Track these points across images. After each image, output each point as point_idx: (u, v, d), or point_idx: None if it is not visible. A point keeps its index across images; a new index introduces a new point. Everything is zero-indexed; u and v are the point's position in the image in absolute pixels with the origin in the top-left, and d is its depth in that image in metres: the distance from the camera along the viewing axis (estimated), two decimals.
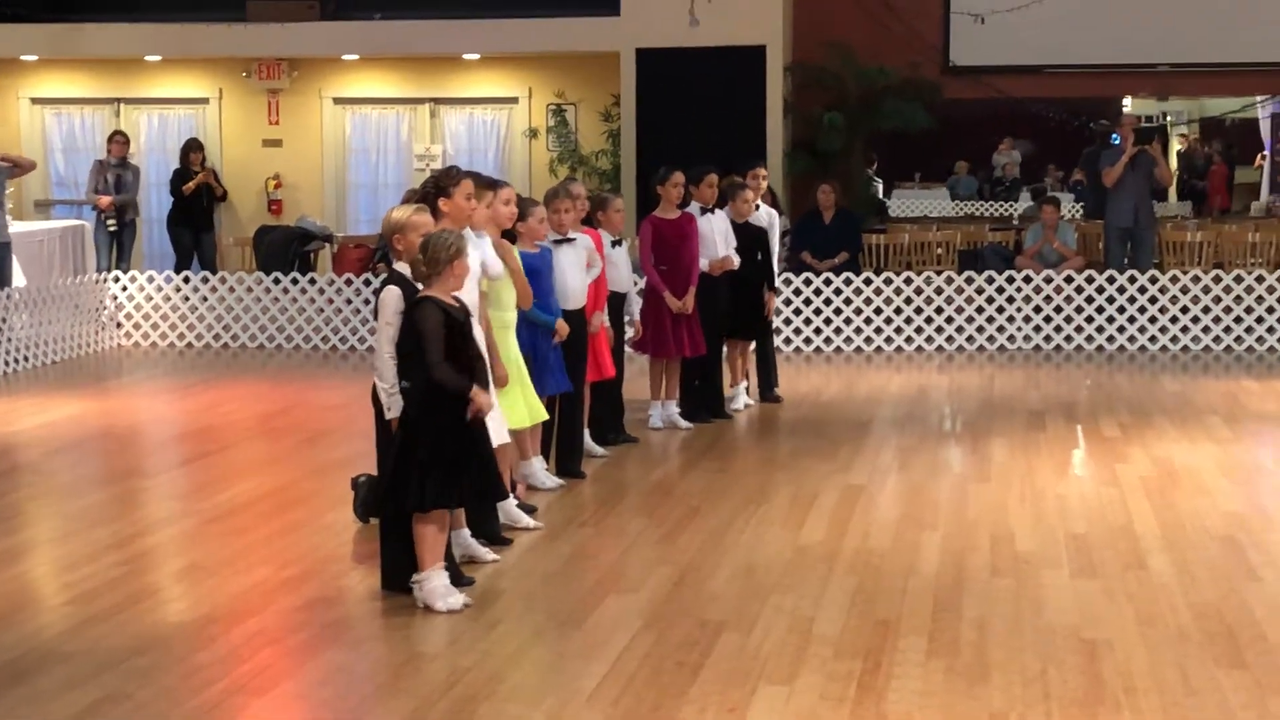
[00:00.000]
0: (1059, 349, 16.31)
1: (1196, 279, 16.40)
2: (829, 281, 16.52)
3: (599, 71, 20.18)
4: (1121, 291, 16.36)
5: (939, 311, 16.52)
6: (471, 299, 7.87)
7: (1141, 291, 16.35)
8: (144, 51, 21.02)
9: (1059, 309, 16.47)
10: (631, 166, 19.32)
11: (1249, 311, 16.25)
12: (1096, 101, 22.77)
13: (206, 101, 21.63)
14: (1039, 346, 16.38)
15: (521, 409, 8.91)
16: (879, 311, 16.51)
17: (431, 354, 7.18)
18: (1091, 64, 20.20)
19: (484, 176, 8.85)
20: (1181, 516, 9.05)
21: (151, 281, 17.37)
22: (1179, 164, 25.97)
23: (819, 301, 16.49)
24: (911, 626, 6.99)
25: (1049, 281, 16.52)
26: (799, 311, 16.47)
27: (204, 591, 7.71)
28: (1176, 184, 24.28)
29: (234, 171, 21.17)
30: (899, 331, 16.47)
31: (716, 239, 12.05)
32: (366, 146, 21.67)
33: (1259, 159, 25.65)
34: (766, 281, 12.65)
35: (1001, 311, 16.50)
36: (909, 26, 19.84)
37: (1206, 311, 16.29)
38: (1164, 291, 16.37)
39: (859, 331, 16.51)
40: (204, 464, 11.18)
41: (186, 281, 17.49)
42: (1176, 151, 26.17)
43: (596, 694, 6.19)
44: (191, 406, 13.73)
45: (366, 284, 16.99)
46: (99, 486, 10.51)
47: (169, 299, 17.34)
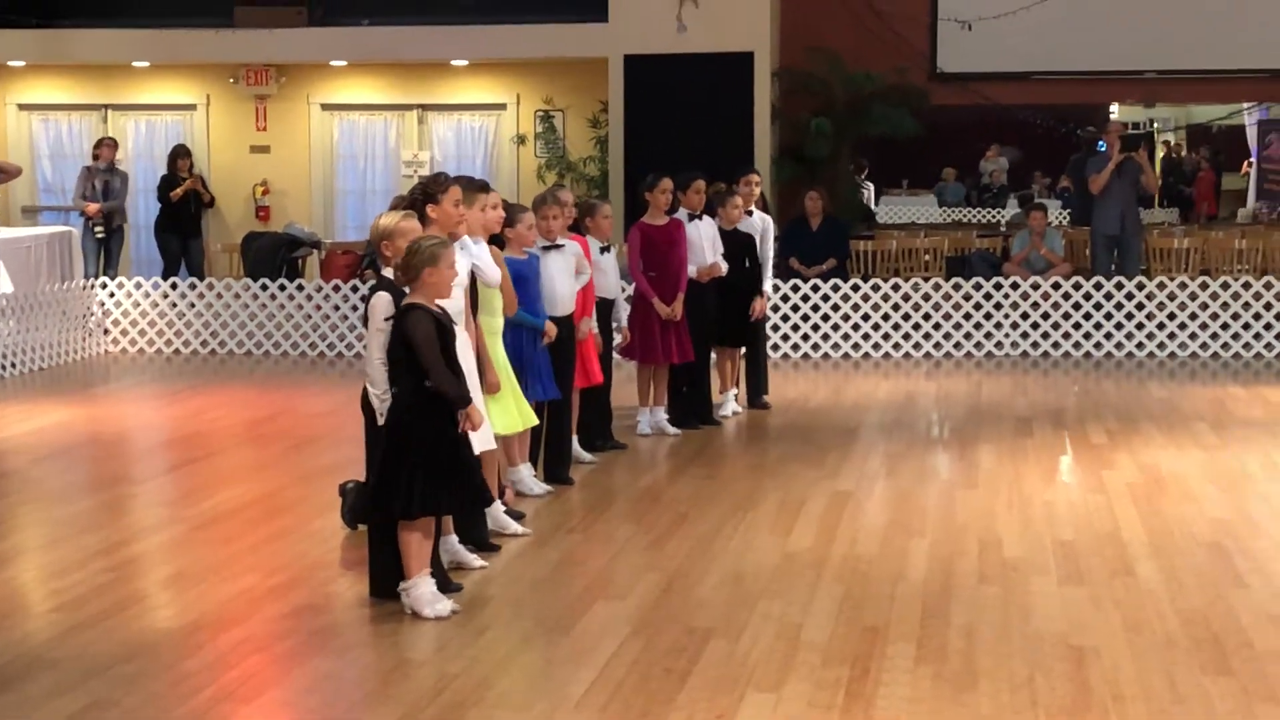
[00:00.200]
0: (1046, 355, 16.34)
1: (1183, 285, 16.43)
2: (817, 288, 16.54)
3: (587, 78, 20.19)
4: (1109, 298, 16.39)
5: (927, 318, 16.54)
6: (458, 307, 7.86)
7: (1129, 298, 16.38)
8: (131, 57, 21.01)
9: (1046, 315, 16.50)
10: (619, 173, 19.32)
11: (1236, 318, 16.28)
12: (1083, 108, 22.84)
13: (194, 108, 21.62)
14: (1026, 353, 16.41)
15: (513, 414, 8.91)
16: (867, 318, 16.53)
17: (429, 362, 7.16)
18: (1078, 71, 20.24)
19: (474, 180, 8.84)
20: (1168, 523, 9.06)
21: (139, 288, 17.34)
22: (1162, 168, 26.03)
23: (807, 308, 16.51)
24: (899, 633, 7.00)
25: (1036, 288, 16.54)
26: (787, 318, 16.49)
27: (191, 598, 7.70)
28: (1162, 190, 24.32)
29: (222, 178, 21.16)
30: (887, 338, 16.49)
31: (704, 245, 12.06)
32: (354, 153, 21.68)
33: (1246, 166, 25.73)
34: (757, 286, 12.67)
35: (989, 318, 16.52)
36: (896, 33, 19.87)
37: (1193, 318, 16.32)
38: (1151, 298, 16.41)
39: (847, 338, 16.53)
40: (191, 470, 11.16)
41: (174, 288, 17.46)
42: (1159, 158, 26.24)
43: (584, 700, 6.19)
44: (179, 413, 13.70)
45: (354, 290, 16.98)
46: (86, 493, 10.48)
47: (156, 305, 17.32)
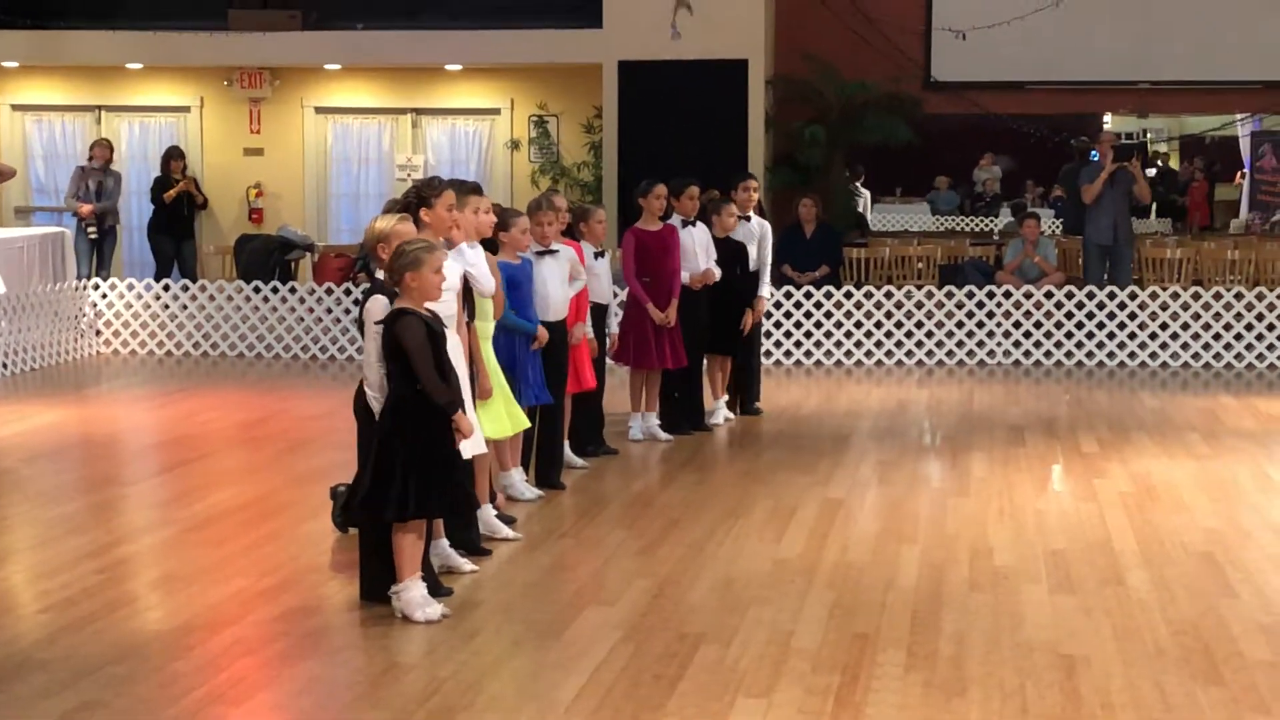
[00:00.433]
0: (1038, 364, 16.36)
1: (1176, 295, 16.46)
2: (810, 295, 16.55)
3: (581, 83, 20.19)
4: (1101, 307, 16.41)
5: (919, 326, 16.55)
6: (449, 311, 7.85)
7: (1121, 307, 16.40)
8: (125, 59, 20.99)
9: (1039, 324, 16.52)
10: (613, 178, 19.33)
11: (1228, 328, 16.30)
12: (1077, 118, 22.85)
13: (188, 110, 21.61)
14: (1019, 362, 16.43)
15: (503, 419, 8.90)
16: (859, 325, 16.55)
17: (421, 368, 7.13)
18: (1072, 81, 20.27)
19: (465, 183, 8.83)
20: (1160, 533, 9.07)
21: (131, 289, 17.33)
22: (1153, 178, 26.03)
23: (799, 315, 16.52)
24: (890, 640, 7.00)
25: (1029, 297, 16.56)
26: (779, 325, 16.49)
27: (182, 600, 7.69)
28: (1154, 200, 24.32)
29: (215, 180, 21.14)
30: (879, 345, 16.50)
31: (698, 252, 12.06)
32: (348, 156, 21.66)
33: (1238, 177, 25.75)
34: (750, 294, 12.66)
35: (981, 326, 16.54)
36: (890, 41, 19.88)
37: (1185, 328, 16.35)
38: (1143, 308, 16.43)
39: (839, 345, 16.54)
40: (183, 472, 11.15)
41: (167, 290, 17.44)
42: (1160, 166, 26.25)
43: (574, 706, 6.18)
44: (171, 415, 13.69)
45: (347, 293, 16.98)
46: (77, 494, 10.47)
47: (149, 307, 17.31)
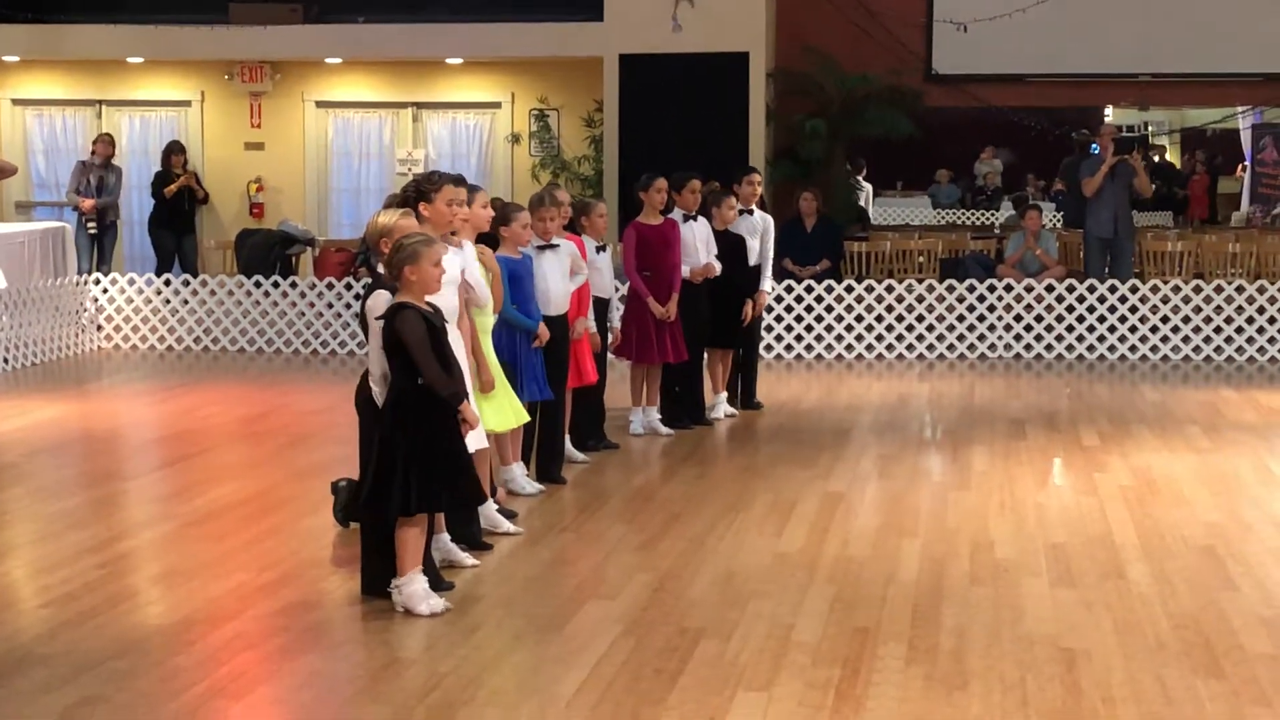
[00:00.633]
0: (1039, 358, 16.36)
1: (1177, 289, 16.46)
2: (810, 289, 16.55)
3: (582, 77, 20.18)
4: (1102, 301, 16.41)
5: (920, 319, 16.55)
6: (451, 304, 7.85)
7: (1122, 301, 16.40)
8: (126, 53, 20.98)
9: (1039, 318, 16.52)
10: (614, 172, 19.32)
11: (1229, 322, 16.30)
12: (1078, 111, 22.83)
13: (188, 104, 21.60)
14: (1019, 355, 16.43)
15: (506, 411, 8.89)
16: (860, 319, 16.54)
17: (423, 361, 7.12)
18: (1073, 74, 20.25)
19: (460, 179, 8.81)
20: (1160, 526, 9.07)
21: (132, 284, 17.33)
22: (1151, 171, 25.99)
23: (800, 309, 16.52)
24: (890, 634, 7.00)
25: (1030, 290, 16.56)
26: (780, 319, 16.49)
27: (182, 595, 7.69)
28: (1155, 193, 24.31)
29: (216, 174, 21.15)
30: (880, 339, 16.50)
31: (698, 246, 12.06)
32: (349, 150, 21.66)
33: (1239, 170, 25.73)
34: (751, 287, 12.65)
35: (982, 320, 16.54)
36: (891, 34, 19.87)
37: (1186, 321, 16.35)
38: (1144, 301, 16.43)
39: (840, 339, 16.54)
40: (184, 467, 11.15)
41: (168, 284, 17.45)
42: (1155, 160, 26.20)
43: (575, 700, 6.18)
44: (172, 410, 13.69)
45: (348, 288, 16.97)
46: (78, 489, 10.47)
47: (150, 302, 17.31)
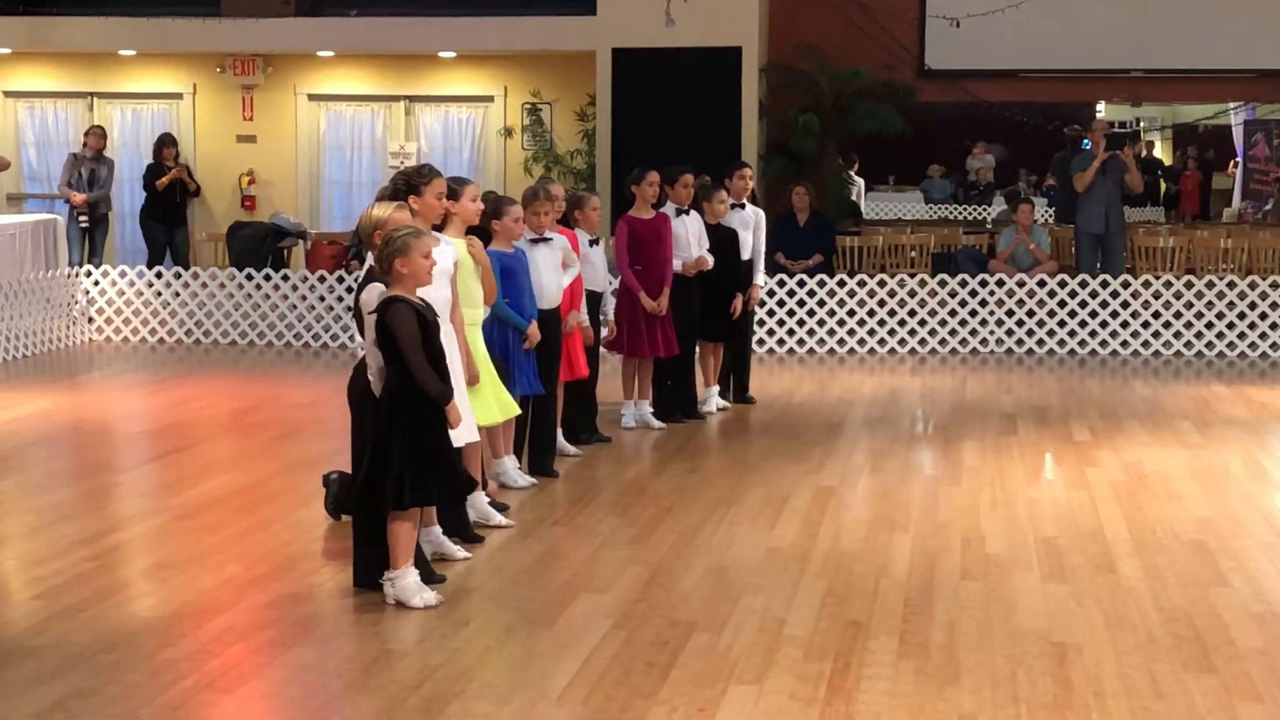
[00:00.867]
0: (1031, 353, 16.37)
1: (1168, 284, 16.47)
2: (803, 283, 16.55)
3: (575, 71, 20.16)
4: (1094, 296, 16.42)
5: (912, 314, 16.56)
6: (443, 296, 7.84)
7: (1114, 296, 16.41)
8: (118, 45, 20.94)
9: (1031, 313, 16.53)
10: (606, 166, 19.30)
11: (1220, 317, 16.32)
12: (1070, 106, 22.81)
13: (180, 96, 21.55)
14: (1011, 350, 16.43)
15: (491, 406, 8.87)
16: (852, 314, 16.55)
17: (412, 359, 7.12)
18: (1065, 69, 20.25)
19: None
20: (1151, 521, 9.08)
21: (124, 277, 17.31)
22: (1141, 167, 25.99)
23: (792, 303, 16.52)
24: (882, 628, 7.00)
25: (1021, 285, 16.57)
26: (773, 313, 16.49)
27: (173, 588, 7.68)
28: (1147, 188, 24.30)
29: (208, 167, 21.10)
30: (872, 334, 16.51)
31: (691, 240, 12.06)
32: (341, 143, 21.62)
33: (1231, 166, 25.75)
34: (744, 281, 12.65)
35: (974, 315, 16.54)
36: (884, 29, 19.87)
37: (1178, 316, 16.36)
38: (1136, 296, 16.44)
39: (832, 333, 16.54)
40: (175, 460, 11.14)
41: (159, 277, 17.43)
42: (1141, 155, 26.19)
43: (566, 693, 6.18)
44: (163, 402, 13.68)
45: (340, 281, 16.96)
46: (69, 481, 10.46)
47: (141, 294, 17.29)
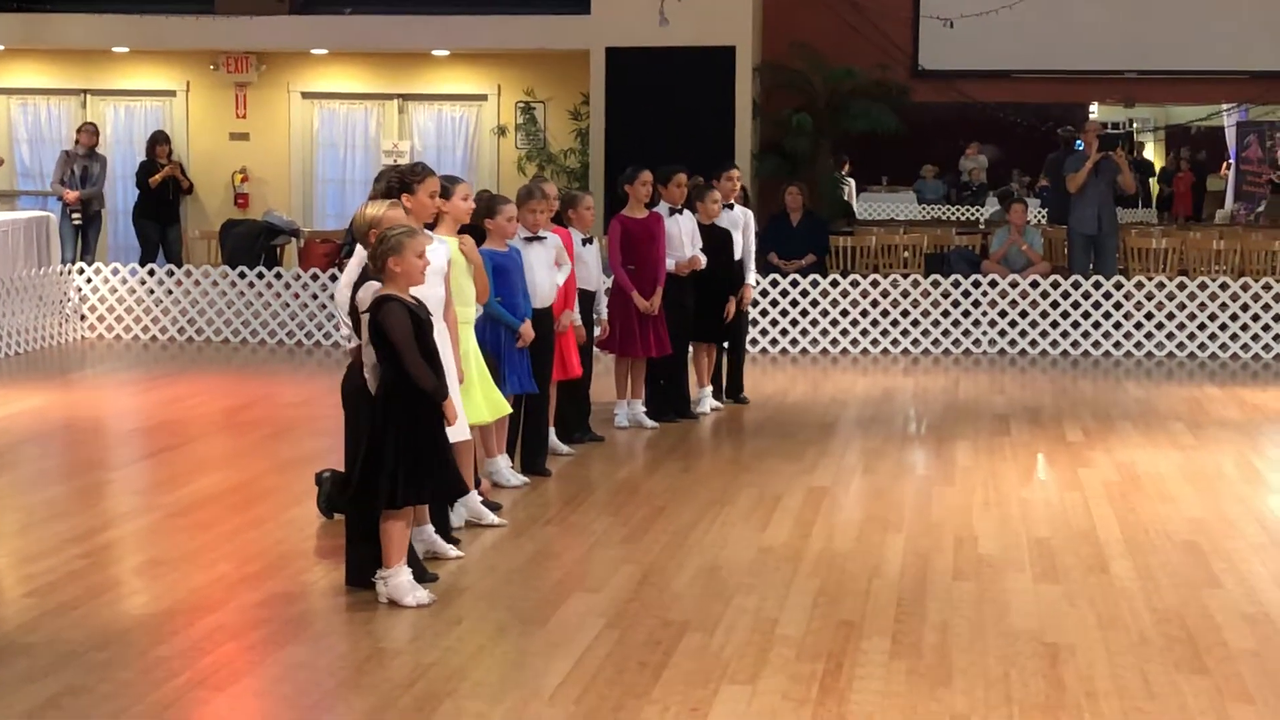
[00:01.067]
0: (1024, 353, 16.38)
1: (1161, 285, 16.48)
2: (796, 283, 16.55)
3: (568, 70, 20.17)
4: (1086, 297, 16.43)
5: (905, 314, 16.56)
6: (437, 295, 7.84)
7: (1106, 297, 16.42)
8: (111, 43, 20.93)
9: (1024, 313, 16.54)
10: (600, 166, 19.31)
11: (1213, 318, 16.32)
12: (1063, 107, 22.84)
13: (174, 94, 21.55)
14: (1004, 351, 16.44)
15: (481, 405, 8.85)
16: (845, 314, 16.55)
17: (407, 356, 7.11)
18: (1058, 70, 20.28)
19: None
20: (1144, 522, 9.09)
21: (116, 274, 17.29)
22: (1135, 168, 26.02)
23: (785, 303, 16.52)
24: (874, 628, 7.00)
25: (1015, 286, 16.57)
26: (766, 313, 16.49)
27: (165, 586, 7.67)
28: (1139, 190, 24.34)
29: (201, 165, 21.10)
30: (865, 334, 16.51)
31: (684, 239, 12.05)
32: (334, 141, 21.63)
33: (1224, 167, 25.78)
34: (736, 282, 12.64)
35: (967, 315, 16.55)
36: (878, 29, 19.89)
37: (1171, 318, 16.37)
38: (1128, 297, 16.45)
39: (825, 333, 16.54)
40: (167, 458, 11.13)
41: (152, 274, 17.41)
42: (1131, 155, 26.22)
43: (559, 693, 6.18)
44: (156, 400, 13.66)
45: (333, 279, 16.94)
46: (61, 479, 10.44)
47: (134, 292, 17.26)
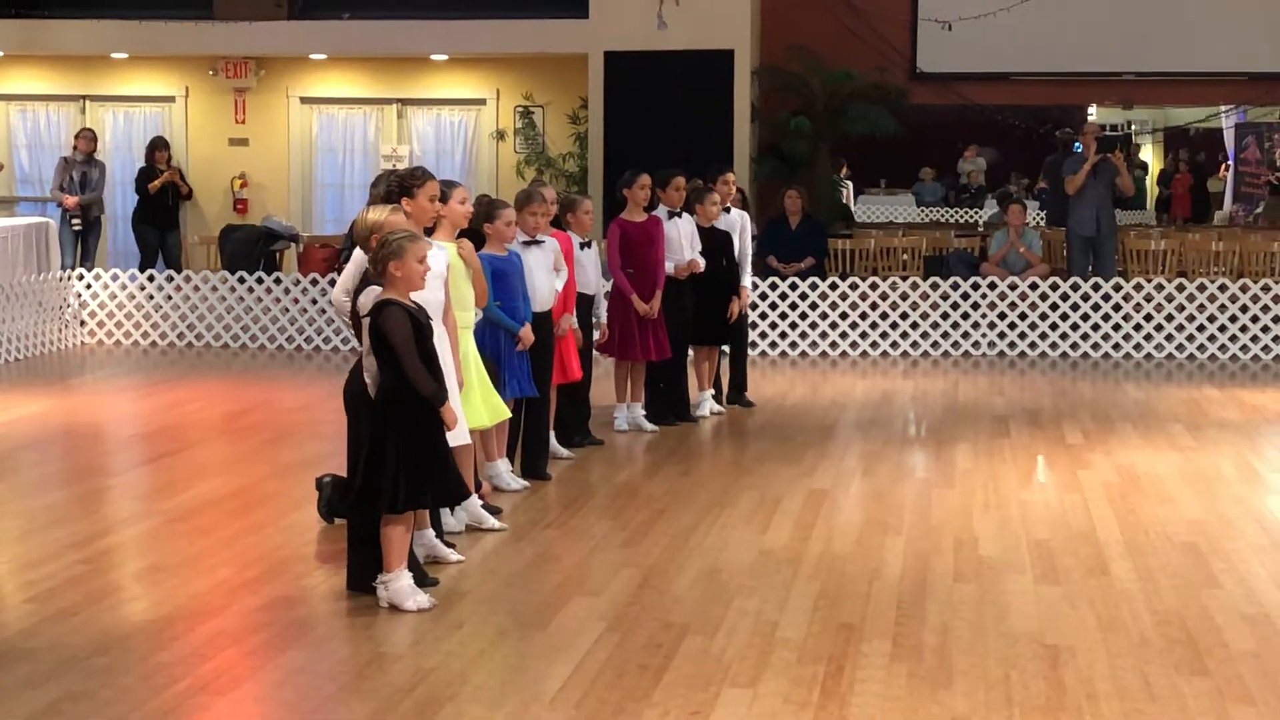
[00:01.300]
0: (1023, 355, 16.38)
1: (1160, 287, 16.48)
2: (795, 286, 16.56)
3: (567, 74, 20.16)
4: (1085, 299, 16.44)
5: (904, 317, 16.56)
6: (436, 299, 7.84)
7: (1105, 299, 16.43)
8: (110, 48, 20.92)
9: (1023, 315, 16.54)
10: (599, 169, 19.30)
11: (1211, 320, 16.33)
12: (1061, 110, 22.86)
13: (173, 99, 21.54)
14: (1003, 353, 16.44)
15: (480, 409, 8.85)
16: (845, 316, 16.55)
17: (406, 361, 7.11)
18: (1057, 72, 20.28)
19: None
20: (1144, 523, 9.09)
21: (116, 280, 17.29)
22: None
23: (785, 306, 16.52)
24: (875, 631, 7.00)
25: (1014, 288, 16.58)
26: (765, 316, 16.49)
27: (166, 591, 7.67)
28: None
29: (200, 170, 21.09)
30: (864, 336, 16.51)
31: (683, 242, 12.05)
32: (333, 146, 21.62)
33: (1223, 169, 25.81)
34: (735, 285, 12.65)
35: (966, 317, 16.55)
36: (876, 32, 19.89)
37: (1170, 319, 16.38)
38: (1127, 299, 16.46)
39: (824, 336, 16.54)
40: (167, 463, 11.13)
41: (151, 280, 17.41)
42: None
43: (559, 696, 6.18)
44: (155, 406, 13.66)
45: (332, 284, 16.92)
46: (61, 485, 10.45)
47: (133, 297, 17.27)
